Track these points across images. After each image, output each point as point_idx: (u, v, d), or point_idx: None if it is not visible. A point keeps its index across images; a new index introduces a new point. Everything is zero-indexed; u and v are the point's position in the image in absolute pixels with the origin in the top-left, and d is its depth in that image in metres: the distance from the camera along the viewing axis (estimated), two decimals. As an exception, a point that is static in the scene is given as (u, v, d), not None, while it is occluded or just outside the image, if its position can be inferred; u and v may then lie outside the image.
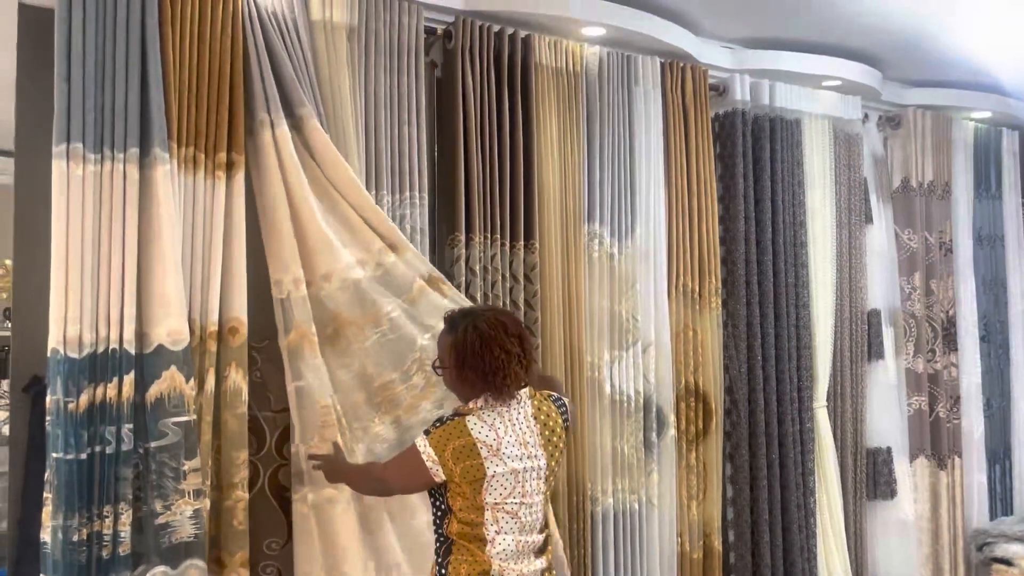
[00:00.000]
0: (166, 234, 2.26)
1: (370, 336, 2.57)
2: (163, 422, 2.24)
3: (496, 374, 2.10)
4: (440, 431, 2.11)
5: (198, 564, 2.25)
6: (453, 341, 2.15)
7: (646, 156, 3.34)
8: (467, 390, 2.17)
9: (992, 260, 4.56)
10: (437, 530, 2.18)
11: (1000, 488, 4.47)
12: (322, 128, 2.55)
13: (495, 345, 2.10)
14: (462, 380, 2.15)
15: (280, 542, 2.59)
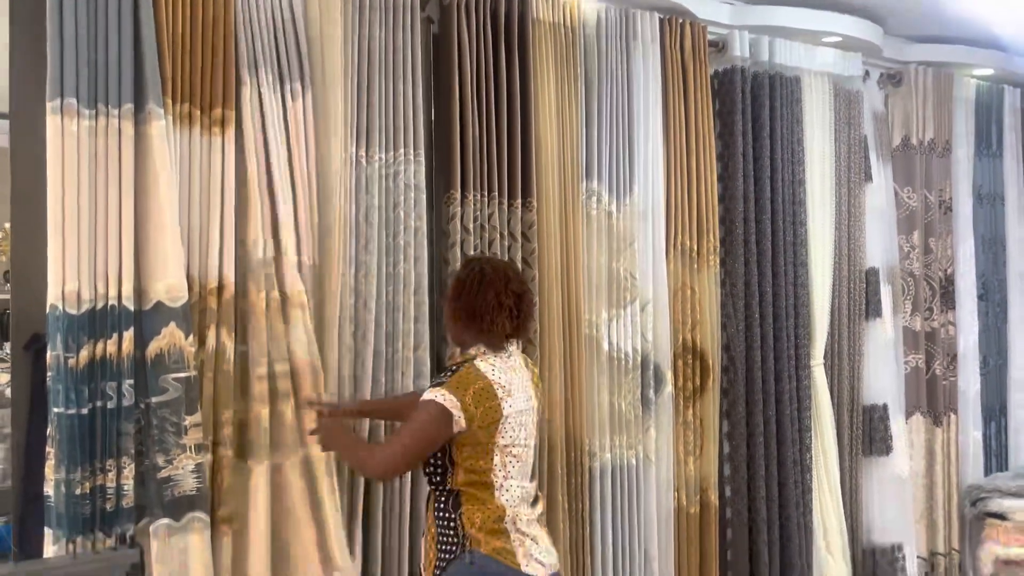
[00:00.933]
0: (163, 190, 2.26)
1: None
2: (163, 378, 2.26)
3: (483, 316, 2.15)
4: (455, 378, 2.11)
5: (201, 517, 2.29)
6: (458, 276, 2.25)
7: (644, 113, 3.32)
8: (458, 331, 2.23)
9: (992, 219, 4.56)
10: (439, 487, 2.16)
11: (995, 444, 4.51)
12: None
13: (490, 289, 2.16)
14: (455, 317, 2.22)
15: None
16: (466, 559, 2.08)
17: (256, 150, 2.48)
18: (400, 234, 2.75)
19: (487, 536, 2.09)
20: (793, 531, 3.60)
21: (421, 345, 2.77)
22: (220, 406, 2.43)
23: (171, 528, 2.24)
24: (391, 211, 2.75)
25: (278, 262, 2.50)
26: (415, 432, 2.10)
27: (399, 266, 2.75)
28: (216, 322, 2.42)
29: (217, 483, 2.41)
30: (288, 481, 2.46)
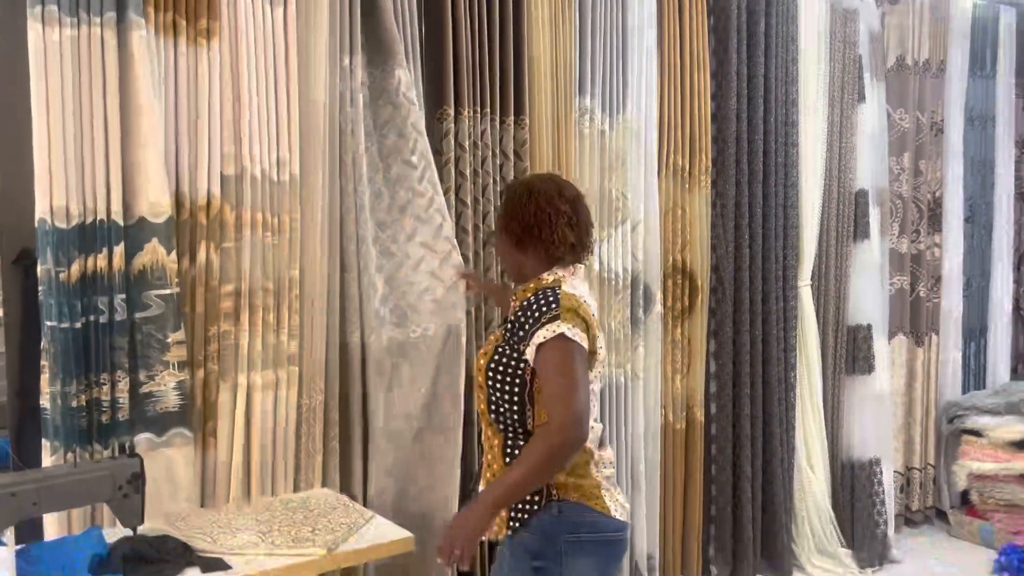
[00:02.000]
0: (144, 102, 2.21)
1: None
2: (146, 294, 2.25)
3: (541, 227, 1.91)
4: (564, 304, 1.81)
5: (184, 433, 2.31)
6: (505, 198, 2.00)
7: (639, 29, 3.26)
8: (519, 261, 1.97)
9: (982, 141, 4.55)
10: (514, 429, 1.88)
11: (974, 364, 4.61)
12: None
13: (542, 198, 1.92)
14: (511, 242, 1.96)
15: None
16: (553, 510, 1.82)
17: (240, 61, 2.42)
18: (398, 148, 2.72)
19: (576, 481, 1.84)
20: (776, 447, 3.70)
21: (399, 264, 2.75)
22: (209, 322, 2.43)
23: (153, 443, 2.27)
24: (386, 122, 2.72)
25: (256, 177, 2.47)
26: (571, 380, 1.77)
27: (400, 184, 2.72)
28: (205, 238, 2.41)
29: (206, 398, 2.44)
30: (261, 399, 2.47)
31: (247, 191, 2.46)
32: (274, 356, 2.53)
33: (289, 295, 2.55)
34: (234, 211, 2.45)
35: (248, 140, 2.45)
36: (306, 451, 2.62)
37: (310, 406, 2.62)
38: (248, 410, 2.48)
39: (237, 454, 2.46)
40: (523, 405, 1.86)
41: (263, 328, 2.50)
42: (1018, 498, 3.99)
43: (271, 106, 2.50)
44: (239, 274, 2.47)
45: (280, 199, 2.52)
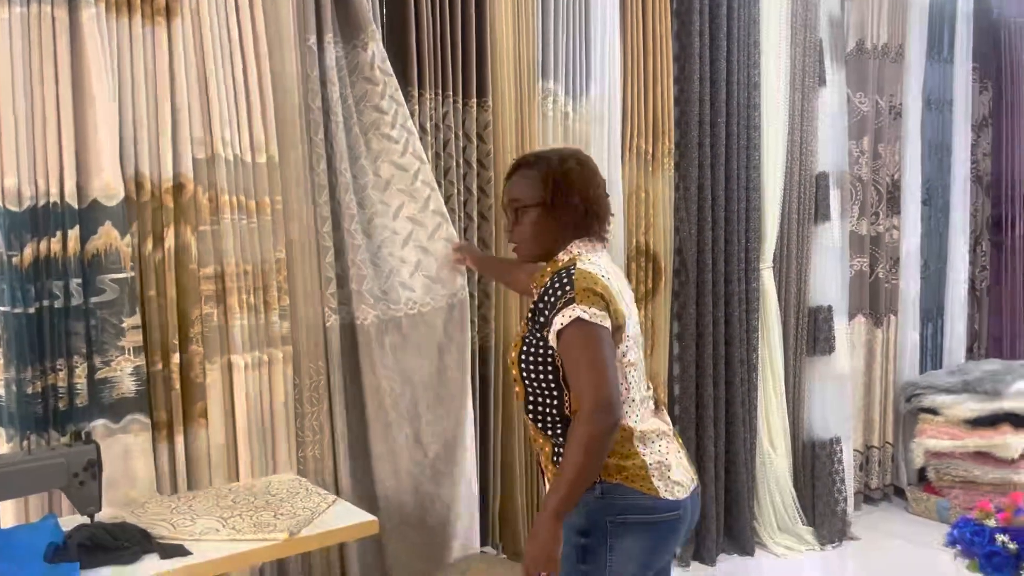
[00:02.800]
0: (94, 82, 2.17)
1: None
2: (100, 278, 2.22)
3: (598, 203, 1.90)
4: (578, 286, 1.76)
5: (140, 419, 2.28)
6: (545, 173, 1.89)
7: (601, 12, 3.26)
8: (554, 230, 1.89)
9: (939, 124, 4.62)
10: (552, 415, 1.85)
11: (931, 345, 4.70)
12: None
13: (595, 174, 1.92)
14: (554, 215, 1.88)
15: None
16: (596, 491, 1.77)
17: (205, 41, 2.38)
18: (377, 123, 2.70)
19: (617, 463, 1.78)
20: (739, 427, 3.75)
21: (387, 241, 2.72)
22: (188, 304, 2.40)
23: (109, 429, 2.24)
24: (361, 98, 2.69)
25: (229, 160, 2.44)
26: (596, 358, 1.71)
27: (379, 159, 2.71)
28: (175, 220, 2.37)
29: (192, 380, 2.41)
30: (246, 381, 2.46)
31: (221, 174, 2.42)
32: (263, 337, 2.51)
33: (277, 277, 2.53)
34: (207, 194, 2.41)
35: (219, 123, 2.41)
36: (311, 428, 2.61)
37: (311, 385, 2.61)
38: (244, 390, 2.45)
39: (233, 435, 2.45)
40: (560, 391, 1.82)
41: (248, 311, 2.48)
42: (972, 475, 4.08)
43: (240, 87, 2.46)
44: (219, 257, 2.44)
45: (258, 182, 2.49)
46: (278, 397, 2.53)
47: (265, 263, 2.50)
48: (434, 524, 2.75)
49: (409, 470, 2.72)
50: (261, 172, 2.49)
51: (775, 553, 3.79)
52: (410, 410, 2.72)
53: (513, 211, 1.95)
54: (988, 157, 4.92)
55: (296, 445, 2.57)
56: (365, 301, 2.67)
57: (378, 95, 2.69)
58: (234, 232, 2.44)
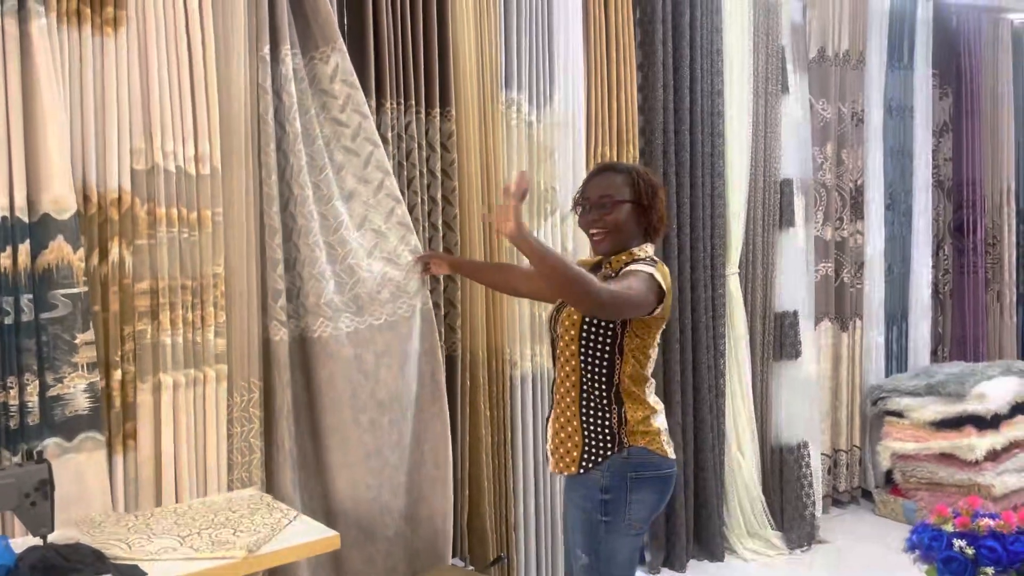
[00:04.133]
0: (44, 94, 2.12)
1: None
2: (52, 294, 2.17)
3: (662, 219, 2.25)
4: (661, 269, 2.13)
5: (95, 437, 2.24)
6: (636, 177, 2.21)
7: (565, 21, 3.27)
8: (638, 231, 2.22)
9: (900, 130, 4.69)
10: (601, 380, 2.13)
11: (896, 348, 4.75)
12: None
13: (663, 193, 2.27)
14: (644, 217, 2.20)
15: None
16: (624, 453, 2.12)
17: (150, 51, 2.34)
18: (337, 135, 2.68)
19: (643, 429, 2.14)
20: (707, 434, 3.76)
21: (351, 253, 2.69)
22: (123, 321, 2.36)
23: (62, 448, 2.19)
24: (321, 109, 2.67)
25: (170, 171, 2.40)
26: (641, 291, 2.03)
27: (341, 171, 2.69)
28: (118, 234, 2.33)
29: (124, 399, 2.37)
30: (176, 401, 2.41)
31: (160, 186, 2.38)
32: (199, 354, 2.47)
33: (214, 292, 2.49)
34: (145, 206, 2.37)
35: (160, 133, 2.37)
36: (240, 450, 2.57)
37: (242, 404, 2.57)
38: (174, 410, 2.41)
39: (164, 456, 2.39)
40: (613, 356, 2.12)
41: (183, 326, 2.44)
42: (938, 476, 4.13)
43: (186, 98, 2.42)
44: (154, 272, 2.40)
45: (200, 193, 2.46)
46: (211, 417, 2.47)
47: (203, 277, 2.46)
48: (393, 536, 2.73)
49: (368, 483, 2.69)
50: (204, 183, 2.44)
51: (744, 558, 3.80)
52: (375, 420, 2.69)
53: (601, 205, 2.21)
54: (949, 162, 4.99)
55: (228, 465, 2.52)
56: (323, 313, 2.63)
57: (338, 108, 2.67)
58: (172, 246, 2.40)
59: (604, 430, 2.14)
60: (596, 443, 2.14)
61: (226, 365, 2.53)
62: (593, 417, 2.15)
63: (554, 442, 2.23)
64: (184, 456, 2.44)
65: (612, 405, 2.14)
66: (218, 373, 2.51)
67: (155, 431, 2.40)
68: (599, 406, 2.14)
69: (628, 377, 2.14)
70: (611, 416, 2.13)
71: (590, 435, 2.15)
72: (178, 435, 2.43)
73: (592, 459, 2.14)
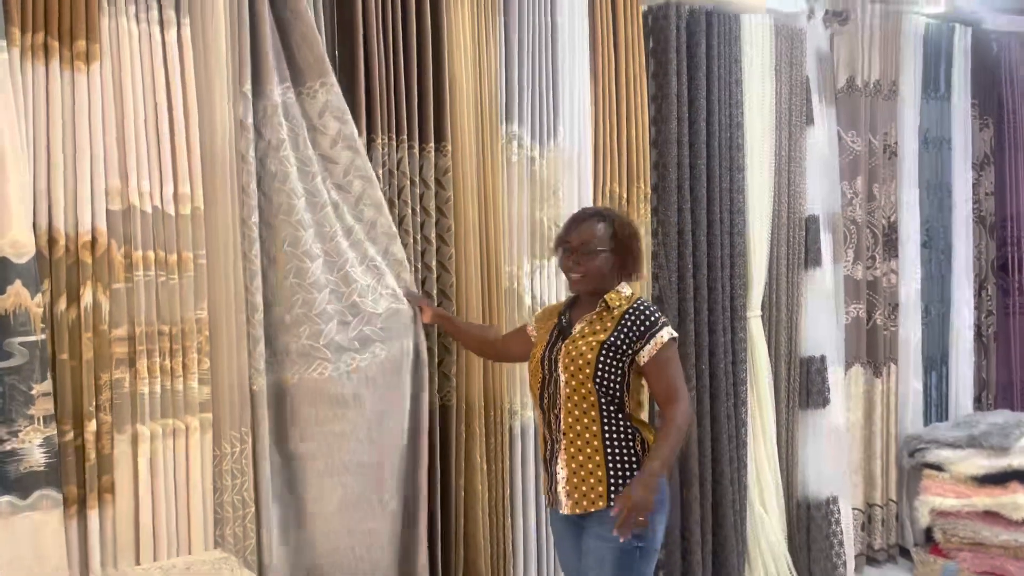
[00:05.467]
0: (5, 132, 2.04)
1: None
2: (9, 342, 2.06)
3: (641, 256, 2.42)
4: (660, 313, 2.33)
5: (51, 495, 2.11)
6: (618, 226, 2.36)
7: (570, 52, 3.12)
8: (618, 273, 2.37)
9: (938, 164, 4.43)
10: (616, 415, 2.27)
11: (936, 395, 4.45)
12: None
13: (640, 236, 2.43)
14: (622, 261, 2.36)
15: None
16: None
17: (124, 87, 2.25)
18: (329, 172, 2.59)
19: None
20: (726, 486, 3.52)
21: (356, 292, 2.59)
22: (98, 369, 2.24)
23: (15, 506, 2.07)
24: (314, 145, 2.57)
25: (147, 212, 2.29)
26: (682, 374, 2.32)
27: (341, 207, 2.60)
28: (91, 278, 2.22)
29: (100, 451, 2.24)
30: (154, 452, 2.28)
31: (137, 228, 2.28)
32: (179, 403, 2.34)
33: (198, 337, 2.37)
34: (122, 248, 2.26)
35: (136, 173, 2.27)
36: (232, 504, 2.42)
37: (233, 455, 2.43)
38: (152, 462, 2.28)
39: (143, 512, 2.27)
40: (623, 389, 2.28)
41: (162, 374, 2.31)
42: (981, 535, 3.81)
43: (164, 135, 2.33)
44: (132, 317, 2.28)
45: (180, 235, 2.34)
46: (194, 469, 2.34)
47: (185, 323, 2.34)
48: None
49: (369, 527, 2.58)
50: (184, 224, 2.34)
51: (768, 623, 3.54)
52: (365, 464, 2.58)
53: (583, 252, 2.33)
54: (991, 197, 4.70)
55: (214, 522, 2.37)
56: (321, 355, 2.51)
57: (327, 144, 2.58)
58: (150, 290, 2.28)
59: (630, 457, 2.26)
60: (622, 472, 2.25)
61: (211, 414, 2.40)
62: (618, 447, 2.26)
63: (571, 483, 2.27)
64: (163, 511, 2.31)
65: (632, 432, 2.28)
66: (202, 422, 2.39)
67: (133, 485, 2.27)
68: (623, 436, 2.27)
69: (634, 409, 2.31)
70: (634, 443, 2.27)
71: (615, 466, 2.25)
72: (156, 489, 2.31)
73: (620, 488, 2.23)
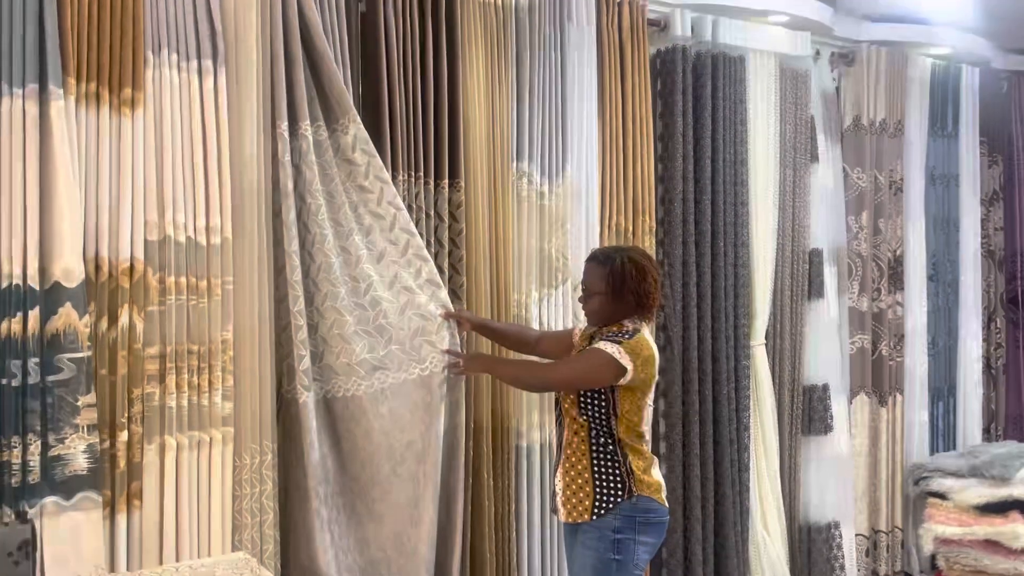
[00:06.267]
0: (60, 172, 2.27)
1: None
2: (59, 357, 2.29)
3: (650, 296, 2.53)
4: (632, 343, 2.46)
5: (92, 496, 2.32)
6: (610, 271, 2.51)
7: (579, 94, 3.31)
8: (619, 312, 2.53)
9: (945, 199, 4.55)
10: (603, 437, 2.48)
11: (943, 424, 4.54)
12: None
13: (651, 276, 2.54)
14: (619, 302, 2.52)
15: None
16: (633, 499, 2.46)
17: (165, 130, 2.49)
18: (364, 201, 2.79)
19: (646, 478, 2.50)
20: (728, 509, 3.64)
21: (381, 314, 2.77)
22: (131, 384, 2.46)
23: (60, 506, 2.28)
24: (347, 178, 2.78)
25: (180, 242, 2.52)
26: (588, 369, 2.48)
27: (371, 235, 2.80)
28: (129, 301, 2.45)
29: (130, 460, 2.45)
30: (179, 461, 2.49)
31: (171, 256, 2.50)
32: (205, 417, 2.55)
33: (223, 357, 2.59)
34: (157, 275, 2.49)
35: (172, 207, 2.50)
36: (250, 511, 2.63)
37: (253, 466, 2.64)
38: (177, 471, 2.50)
39: (167, 516, 2.47)
40: (610, 417, 2.48)
41: (189, 390, 2.53)
42: (982, 564, 3.90)
43: (199, 173, 2.55)
44: (163, 337, 2.50)
45: (210, 263, 2.57)
46: (216, 478, 2.55)
47: (211, 343, 2.55)
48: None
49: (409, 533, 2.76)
50: (214, 253, 2.56)
51: (768, 644, 3.64)
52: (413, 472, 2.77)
53: (585, 293, 2.61)
54: (1000, 232, 4.80)
55: (232, 528, 2.57)
56: (355, 373, 2.72)
57: (361, 175, 2.79)
58: (180, 312, 2.51)
59: (615, 479, 2.48)
60: (607, 492, 2.47)
61: (232, 428, 2.61)
62: (605, 468, 2.48)
63: (565, 493, 2.53)
64: (186, 516, 2.51)
65: (619, 457, 2.48)
66: (224, 435, 2.59)
67: (159, 491, 2.49)
68: (610, 457, 2.48)
69: (625, 434, 2.49)
70: (619, 467, 2.48)
71: (601, 485, 2.48)
72: (180, 495, 2.51)
73: (604, 506, 2.47)
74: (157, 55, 2.48)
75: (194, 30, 2.54)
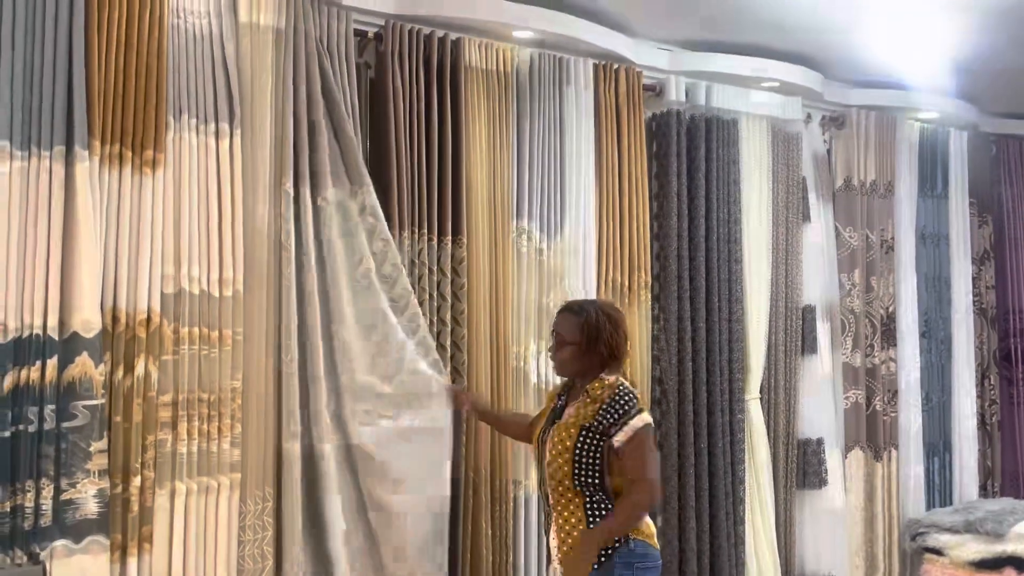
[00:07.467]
0: (83, 229, 2.41)
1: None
2: (74, 404, 2.39)
3: (621, 348, 2.61)
4: (638, 396, 2.57)
5: (100, 540, 2.40)
6: (585, 321, 2.58)
7: (577, 155, 3.46)
8: (589, 363, 2.58)
9: (936, 258, 4.66)
10: (598, 490, 2.51)
11: (939, 480, 4.57)
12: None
13: (622, 329, 2.62)
14: (592, 353, 2.58)
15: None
16: (630, 545, 2.50)
17: (183, 189, 2.63)
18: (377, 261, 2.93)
19: (644, 527, 2.55)
20: (724, 562, 3.68)
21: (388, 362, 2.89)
22: (145, 431, 2.56)
23: (69, 549, 2.36)
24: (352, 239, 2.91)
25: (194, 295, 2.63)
26: (650, 451, 2.54)
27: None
28: (145, 351, 2.56)
29: (143, 505, 2.54)
30: (188, 506, 2.58)
31: (185, 308, 2.62)
32: (214, 463, 2.65)
33: (232, 405, 2.68)
34: (172, 325, 2.61)
35: (187, 261, 2.63)
36: (252, 557, 2.70)
37: (256, 512, 2.72)
38: (186, 515, 2.58)
39: (175, 560, 2.55)
40: (603, 472, 2.51)
41: (199, 437, 2.63)
42: (979, 620, 3.91)
43: (213, 228, 2.69)
44: (176, 385, 2.61)
45: (222, 314, 2.68)
46: (222, 523, 2.63)
47: (222, 391, 2.66)
48: None
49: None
50: (226, 305, 2.68)
51: None
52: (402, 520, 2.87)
53: (556, 343, 2.65)
54: (992, 290, 4.90)
55: (239, 571, 2.64)
56: (363, 420, 2.84)
57: (367, 237, 2.92)
58: (193, 361, 2.62)
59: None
60: (603, 548, 2.49)
61: (240, 474, 2.70)
62: (599, 520, 2.50)
63: (562, 549, 2.54)
64: (192, 561, 2.59)
65: (612, 506, 2.51)
66: (232, 481, 2.68)
67: (168, 535, 2.57)
68: (603, 510, 2.51)
69: (619, 485, 2.52)
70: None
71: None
72: (188, 540, 2.59)
73: (604, 553, 2.48)
74: (177, 120, 2.64)
75: (212, 93, 2.70)
